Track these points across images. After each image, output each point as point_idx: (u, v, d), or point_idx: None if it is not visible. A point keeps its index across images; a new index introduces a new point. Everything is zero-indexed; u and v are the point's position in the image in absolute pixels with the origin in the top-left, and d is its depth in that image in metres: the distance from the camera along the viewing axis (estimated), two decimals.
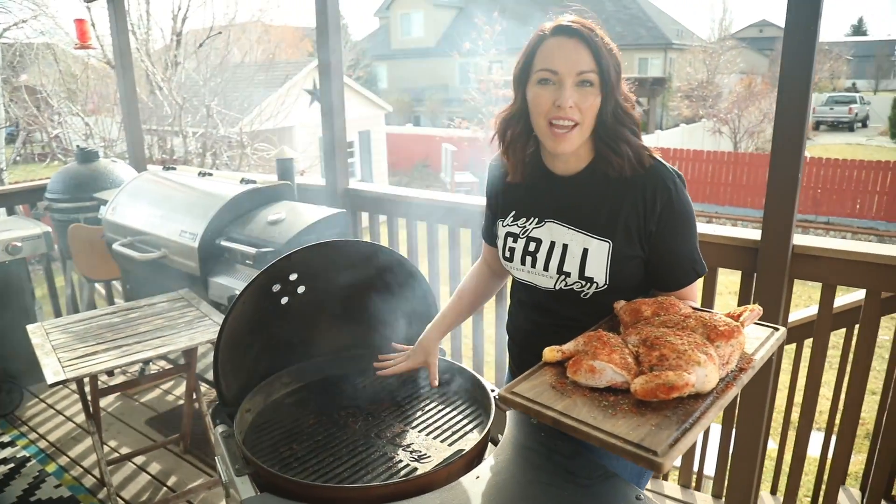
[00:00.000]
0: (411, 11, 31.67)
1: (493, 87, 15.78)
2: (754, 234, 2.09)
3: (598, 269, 1.34)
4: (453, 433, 1.45)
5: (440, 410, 1.54)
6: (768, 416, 2.25)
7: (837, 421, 2.26)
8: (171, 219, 2.84)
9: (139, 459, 2.75)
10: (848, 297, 2.44)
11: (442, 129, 20.38)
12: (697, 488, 2.63)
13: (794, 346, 2.56)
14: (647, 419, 0.95)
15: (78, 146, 3.84)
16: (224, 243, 2.63)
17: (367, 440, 1.43)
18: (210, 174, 3.16)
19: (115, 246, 2.96)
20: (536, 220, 1.43)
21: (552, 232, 1.40)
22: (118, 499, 2.43)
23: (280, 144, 9.61)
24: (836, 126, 27.28)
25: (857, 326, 2.14)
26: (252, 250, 2.49)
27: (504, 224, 1.50)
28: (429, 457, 1.36)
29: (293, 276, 1.59)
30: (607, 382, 1.06)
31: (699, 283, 1.43)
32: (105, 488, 2.58)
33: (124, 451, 2.83)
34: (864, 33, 51.77)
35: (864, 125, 28.29)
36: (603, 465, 1.23)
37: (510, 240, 1.47)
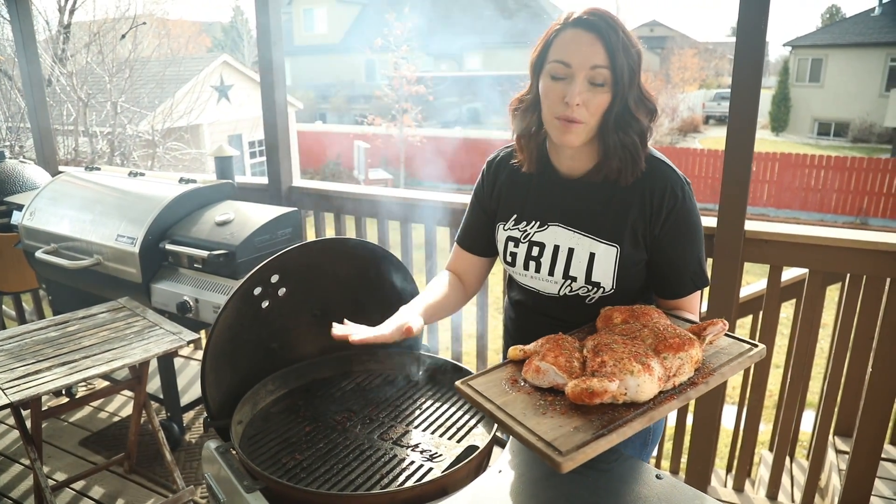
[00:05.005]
0: (314, 7, 31.07)
1: (405, 84, 15.77)
2: (710, 221, 2.20)
3: (606, 274, 1.33)
4: (458, 429, 1.43)
5: (438, 408, 1.52)
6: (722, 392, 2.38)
7: (773, 395, 2.42)
8: (103, 224, 2.63)
9: (79, 484, 2.54)
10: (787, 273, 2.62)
11: (354, 126, 20.11)
12: (657, 466, 2.75)
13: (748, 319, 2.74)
14: (572, 421, 0.97)
15: None
16: (169, 247, 2.47)
17: (371, 444, 1.38)
18: (142, 174, 2.96)
19: (39, 254, 2.71)
20: (538, 223, 1.40)
21: (557, 236, 1.37)
22: None
23: (192, 144, 9.15)
24: (723, 120, 29.21)
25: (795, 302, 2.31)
26: (203, 253, 2.35)
27: (505, 228, 1.45)
28: (441, 455, 1.33)
29: (275, 279, 1.52)
30: (549, 383, 1.07)
31: (700, 294, 1.41)
32: None
33: (59, 476, 2.60)
34: None
35: None
36: (618, 448, 1.25)
37: (511, 244, 1.43)
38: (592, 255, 1.33)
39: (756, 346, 1.10)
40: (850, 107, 23.06)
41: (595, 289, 1.35)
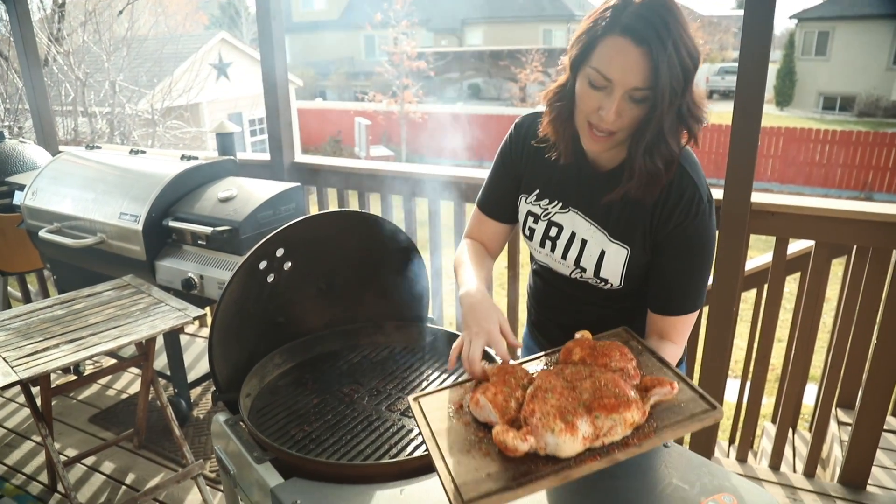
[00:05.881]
0: None
1: (406, 59, 15.63)
2: (717, 193, 2.18)
3: (614, 273, 1.31)
4: None
5: (445, 380, 1.53)
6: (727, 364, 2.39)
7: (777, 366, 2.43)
8: (106, 202, 2.63)
9: (90, 460, 2.57)
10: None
11: (355, 102, 19.98)
12: None
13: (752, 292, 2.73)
14: (489, 466, 0.97)
15: None
16: (172, 224, 2.46)
17: (379, 415, 1.39)
18: (143, 152, 2.94)
19: (42, 233, 2.71)
20: (560, 204, 1.35)
21: (574, 222, 1.34)
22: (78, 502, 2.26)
23: (192, 122, 9.10)
24: (727, 95, 28.94)
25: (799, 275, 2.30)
26: (207, 230, 2.35)
27: (527, 201, 1.41)
28: None
29: (280, 252, 1.52)
30: (485, 419, 1.05)
31: (688, 319, 1.31)
32: (56, 493, 2.41)
33: (70, 452, 2.63)
34: None
35: None
36: None
37: (531, 220, 1.40)
38: (603, 252, 1.31)
39: (714, 407, 1.03)
40: (856, 80, 22.79)
41: (603, 283, 1.34)
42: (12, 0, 3.65)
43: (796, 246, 2.64)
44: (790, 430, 3.05)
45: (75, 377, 3.09)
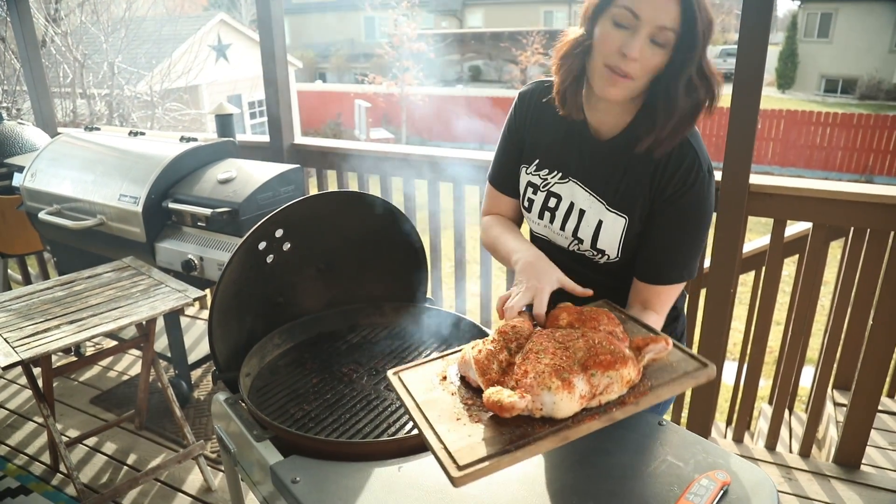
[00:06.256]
0: None
1: (406, 41, 15.50)
2: (715, 175, 2.18)
3: (611, 244, 1.30)
4: None
5: None
6: (724, 346, 2.40)
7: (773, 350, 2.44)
8: (105, 183, 2.62)
9: (92, 441, 2.59)
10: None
11: (355, 85, 19.85)
12: None
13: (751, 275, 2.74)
14: (482, 431, 0.93)
15: None
16: (172, 205, 2.47)
17: (378, 394, 1.40)
18: (142, 133, 2.94)
19: (42, 215, 2.71)
20: (560, 174, 1.35)
21: (573, 192, 1.33)
22: (80, 482, 2.28)
23: (192, 104, 9.05)
24: (728, 77, 28.71)
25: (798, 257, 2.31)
26: (206, 211, 2.35)
27: (527, 171, 1.41)
28: None
29: (279, 233, 1.52)
30: (472, 380, 1.03)
31: (674, 290, 1.30)
32: (59, 474, 2.44)
33: (72, 433, 2.66)
34: None
35: None
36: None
37: (530, 190, 1.40)
38: (600, 223, 1.30)
39: (706, 365, 1.03)
40: (858, 63, 22.64)
41: (600, 255, 1.33)
42: None
43: (797, 228, 2.65)
44: (787, 412, 3.08)
45: (76, 358, 3.11)
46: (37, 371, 2.29)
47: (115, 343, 3.00)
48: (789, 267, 2.65)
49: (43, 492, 2.34)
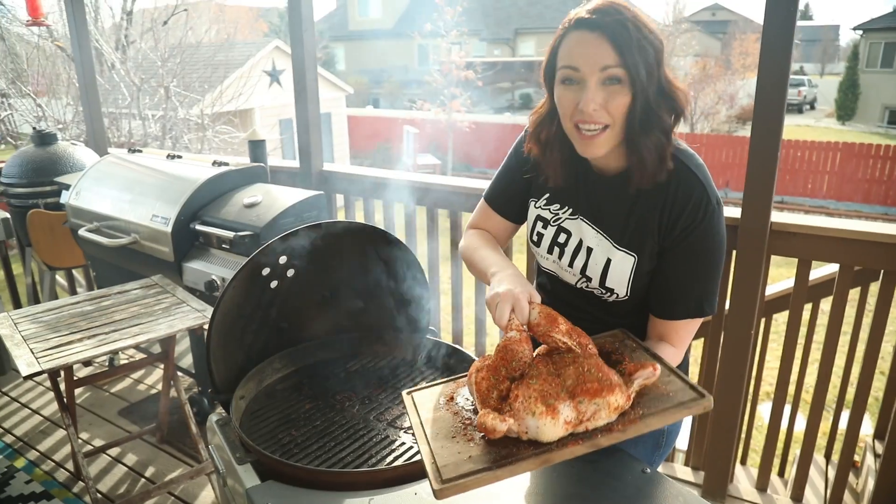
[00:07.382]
0: None
1: (454, 69, 15.72)
2: (734, 212, 2.13)
3: (620, 282, 1.28)
4: None
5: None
6: (746, 389, 2.32)
7: (807, 394, 2.34)
8: (141, 203, 2.74)
9: (114, 451, 2.68)
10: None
11: (403, 111, 20.20)
12: (671, 460, 2.71)
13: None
14: (472, 449, 0.99)
15: (35, 128, 3.66)
16: (199, 227, 2.56)
17: (366, 424, 1.41)
18: (179, 157, 3.06)
19: (82, 232, 2.85)
20: (570, 210, 1.34)
21: (581, 230, 1.32)
22: (96, 492, 2.36)
23: (241, 127, 9.38)
24: (786, 108, 28.01)
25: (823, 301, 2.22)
26: (229, 234, 2.43)
27: (536, 206, 1.40)
28: None
29: (283, 260, 1.56)
30: (471, 403, 1.08)
31: (690, 325, 1.27)
32: (80, 482, 2.52)
33: (97, 443, 2.75)
34: (810, 18, 53.15)
35: (812, 107, 29.20)
36: (616, 445, 1.24)
37: (540, 224, 1.38)
38: (609, 261, 1.28)
39: (703, 396, 1.02)
40: None
41: (609, 293, 1.31)
42: (71, 6, 3.86)
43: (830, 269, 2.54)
44: (824, 460, 2.93)
45: (106, 368, 3.22)
46: (61, 381, 2.38)
47: (143, 356, 3.10)
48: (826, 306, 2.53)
49: (64, 498, 2.43)
